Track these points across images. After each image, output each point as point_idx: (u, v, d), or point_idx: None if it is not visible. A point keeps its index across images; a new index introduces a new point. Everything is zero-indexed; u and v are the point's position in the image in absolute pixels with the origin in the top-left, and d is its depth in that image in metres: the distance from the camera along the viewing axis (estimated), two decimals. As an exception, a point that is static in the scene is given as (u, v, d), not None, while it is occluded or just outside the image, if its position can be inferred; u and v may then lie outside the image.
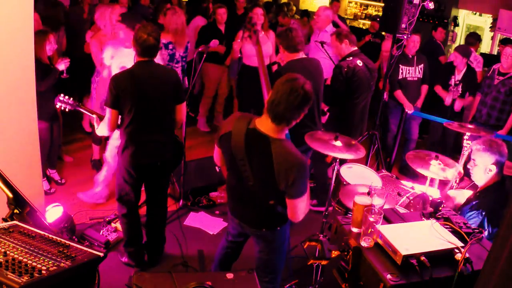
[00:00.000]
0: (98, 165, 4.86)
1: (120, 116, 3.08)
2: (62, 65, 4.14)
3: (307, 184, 2.36)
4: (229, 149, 2.39)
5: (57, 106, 3.38)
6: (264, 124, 2.31)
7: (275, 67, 4.76)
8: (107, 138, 5.37)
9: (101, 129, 3.15)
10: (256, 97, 3.95)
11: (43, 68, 3.94)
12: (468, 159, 2.94)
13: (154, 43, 3.00)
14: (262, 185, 2.37)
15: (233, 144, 2.36)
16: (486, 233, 2.56)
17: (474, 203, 2.76)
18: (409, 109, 5.24)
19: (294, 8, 8.97)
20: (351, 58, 4.02)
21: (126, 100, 2.97)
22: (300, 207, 2.36)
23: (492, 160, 2.74)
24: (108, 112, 3.03)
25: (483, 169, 2.77)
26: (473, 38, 6.21)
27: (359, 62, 3.98)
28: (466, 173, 3.21)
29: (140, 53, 3.03)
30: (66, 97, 3.36)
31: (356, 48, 4.13)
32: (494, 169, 2.74)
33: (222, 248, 2.97)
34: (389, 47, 4.72)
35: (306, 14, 8.31)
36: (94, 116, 3.29)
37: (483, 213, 2.64)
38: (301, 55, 3.64)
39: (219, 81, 6.10)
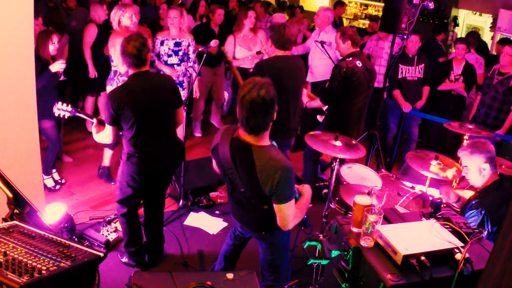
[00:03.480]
0: (106, 173, 4.74)
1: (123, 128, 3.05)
2: (55, 67, 4.02)
3: (294, 189, 2.36)
4: (219, 159, 2.45)
5: (56, 114, 3.34)
6: (245, 135, 2.35)
7: (259, 57, 4.74)
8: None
9: (101, 138, 3.13)
10: None
11: (41, 66, 3.94)
12: None
13: (134, 52, 2.91)
14: (253, 192, 2.40)
15: (221, 155, 2.41)
16: (486, 232, 2.56)
17: (473, 202, 2.76)
18: (406, 108, 5.25)
19: (296, 6, 9.01)
20: (350, 58, 4.02)
21: (127, 116, 2.94)
22: (288, 213, 2.35)
23: (483, 159, 2.76)
24: (108, 128, 3.01)
25: (477, 170, 2.80)
26: (473, 37, 6.17)
27: (358, 63, 3.98)
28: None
29: (129, 64, 2.98)
30: (64, 104, 3.30)
31: (358, 49, 4.13)
32: (487, 167, 2.76)
33: (229, 240, 2.99)
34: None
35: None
36: (94, 120, 3.23)
37: (483, 212, 2.64)
38: (287, 53, 3.68)
39: (210, 84, 5.97)
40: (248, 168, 2.31)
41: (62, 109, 3.31)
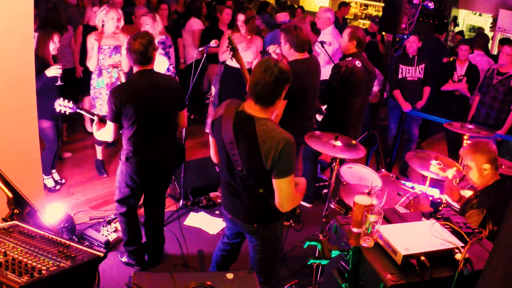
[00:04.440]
0: (99, 166, 4.88)
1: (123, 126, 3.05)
2: (51, 72, 3.99)
3: (294, 164, 2.35)
4: (220, 133, 2.42)
5: (57, 110, 3.36)
6: (251, 106, 2.36)
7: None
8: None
9: (102, 135, 3.13)
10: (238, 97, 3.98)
11: (41, 67, 3.92)
12: None
13: (142, 49, 2.92)
14: (251, 169, 2.35)
15: (223, 127, 2.39)
16: (486, 232, 2.56)
17: (474, 202, 2.76)
18: (406, 108, 5.25)
19: (296, 6, 9.02)
20: (350, 58, 4.03)
21: (128, 114, 2.93)
22: (287, 190, 2.32)
23: (484, 160, 2.75)
24: (109, 125, 3.00)
25: (478, 171, 2.79)
26: (483, 39, 6.11)
27: (358, 63, 3.99)
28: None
29: (134, 61, 2.98)
30: (66, 101, 3.33)
31: (361, 50, 4.14)
32: (488, 167, 2.75)
33: (218, 250, 2.97)
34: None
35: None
36: (95, 118, 3.23)
37: (484, 212, 2.63)
38: (306, 55, 3.74)
39: None
40: (250, 140, 2.29)
41: (63, 105, 3.33)
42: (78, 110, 3.37)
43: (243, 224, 2.59)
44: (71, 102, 3.35)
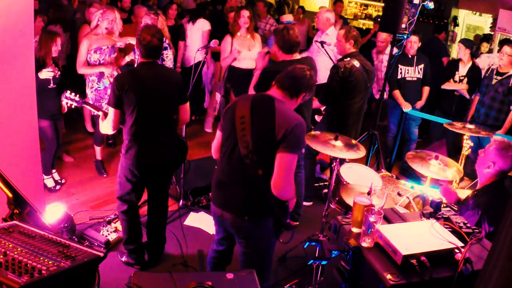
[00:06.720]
0: (99, 166, 4.87)
1: (124, 116, 3.07)
2: (43, 74, 3.96)
3: (302, 147, 2.49)
4: (232, 115, 2.49)
5: (63, 103, 3.39)
6: (275, 92, 2.56)
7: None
8: (108, 138, 5.43)
9: (105, 127, 3.16)
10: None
11: (38, 69, 3.87)
12: (468, 159, 2.90)
13: (157, 44, 3.02)
14: (258, 141, 2.41)
15: (238, 107, 2.50)
16: (483, 232, 2.55)
17: (470, 202, 2.75)
18: (406, 108, 5.25)
19: (296, 6, 9.00)
20: (348, 58, 4.03)
21: (129, 100, 2.97)
22: (287, 167, 2.40)
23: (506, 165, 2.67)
24: (111, 112, 3.03)
25: (495, 171, 2.70)
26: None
27: (356, 63, 3.99)
28: (466, 173, 3.20)
29: (144, 55, 3.03)
30: (72, 94, 3.37)
31: (357, 49, 4.13)
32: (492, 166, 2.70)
33: (211, 255, 2.99)
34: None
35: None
36: (100, 113, 3.27)
37: (479, 212, 2.63)
38: (295, 56, 3.58)
39: None
40: (266, 112, 2.44)
41: (70, 98, 3.35)
42: (84, 105, 3.40)
43: (233, 218, 2.54)
44: (77, 95, 3.36)
